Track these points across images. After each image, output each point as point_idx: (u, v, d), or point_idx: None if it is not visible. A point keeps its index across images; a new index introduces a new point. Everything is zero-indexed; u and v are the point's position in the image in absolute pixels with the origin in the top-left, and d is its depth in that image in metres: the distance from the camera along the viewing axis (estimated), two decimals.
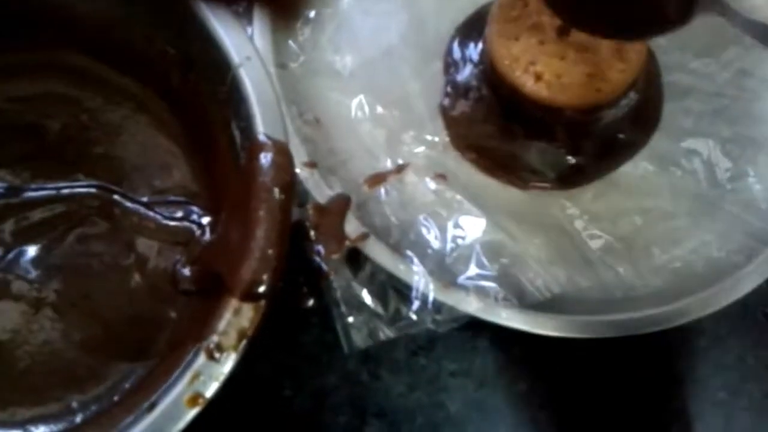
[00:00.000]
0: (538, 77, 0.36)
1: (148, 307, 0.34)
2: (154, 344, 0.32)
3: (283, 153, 0.28)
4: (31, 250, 0.34)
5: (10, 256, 0.34)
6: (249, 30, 0.36)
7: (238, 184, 0.29)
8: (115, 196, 0.35)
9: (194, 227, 0.35)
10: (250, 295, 0.26)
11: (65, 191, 0.35)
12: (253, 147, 0.28)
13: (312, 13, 0.39)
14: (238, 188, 0.29)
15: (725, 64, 0.42)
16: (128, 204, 0.35)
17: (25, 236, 0.34)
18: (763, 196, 0.38)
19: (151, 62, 0.34)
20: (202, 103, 0.33)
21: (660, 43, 0.42)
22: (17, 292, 0.33)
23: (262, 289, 0.26)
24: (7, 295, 0.33)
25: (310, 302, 0.34)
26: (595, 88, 0.34)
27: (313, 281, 0.33)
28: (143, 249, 0.35)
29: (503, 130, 0.39)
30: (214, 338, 0.26)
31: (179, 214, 0.35)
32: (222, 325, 0.26)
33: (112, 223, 0.35)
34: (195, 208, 0.35)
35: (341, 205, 0.33)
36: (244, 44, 0.30)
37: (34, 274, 0.34)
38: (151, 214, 0.35)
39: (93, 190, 0.35)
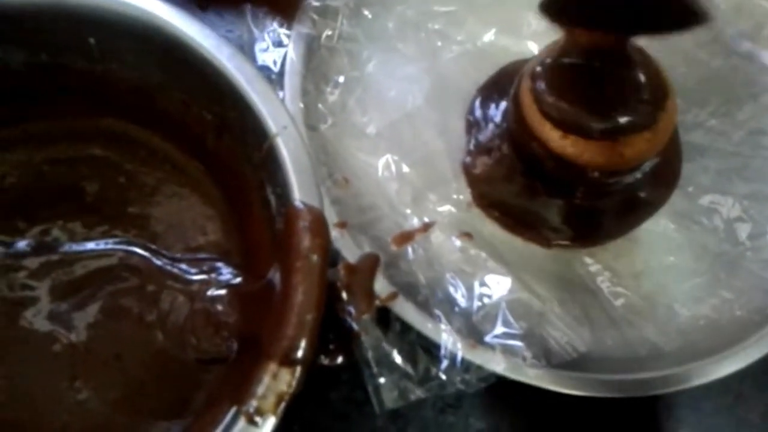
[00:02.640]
0: (566, 134, 0.37)
1: (180, 366, 0.34)
2: (190, 403, 0.33)
3: (319, 220, 0.29)
4: (67, 308, 0.35)
5: (48, 314, 0.35)
6: (281, 94, 0.38)
7: (275, 248, 0.30)
8: (145, 253, 0.36)
9: (221, 285, 0.36)
10: (288, 360, 0.27)
11: (100, 249, 0.36)
12: (290, 213, 0.29)
13: (341, 78, 0.41)
14: (274, 252, 0.30)
15: (741, 123, 0.43)
16: (156, 261, 0.36)
17: (61, 293, 0.35)
18: None
19: (188, 126, 0.35)
20: (237, 166, 0.34)
21: (677, 102, 0.43)
22: (54, 351, 0.34)
23: (300, 353, 0.27)
24: (46, 354, 0.34)
25: (340, 360, 0.34)
26: (618, 153, 0.35)
27: (344, 340, 0.33)
28: (169, 307, 0.35)
29: (525, 189, 0.40)
30: (254, 402, 0.26)
31: (206, 271, 0.36)
32: (261, 389, 0.27)
33: (141, 280, 0.36)
34: (223, 266, 0.36)
35: (371, 264, 0.34)
36: (280, 113, 0.31)
37: (68, 332, 0.34)
38: (176, 270, 0.36)
39: (126, 247, 0.36)
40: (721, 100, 0.44)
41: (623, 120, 0.35)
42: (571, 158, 0.35)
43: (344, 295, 0.32)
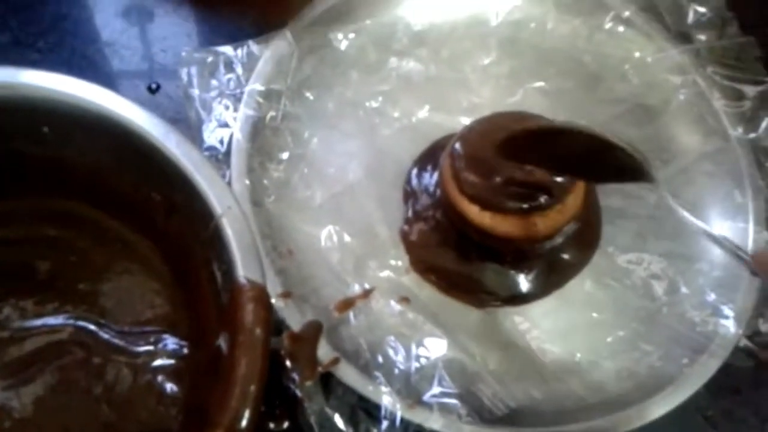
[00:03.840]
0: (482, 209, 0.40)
1: None
2: None
3: (261, 295, 0.31)
4: (15, 384, 0.36)
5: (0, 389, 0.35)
6: (227, 172, 0.40)
7: (221, 320, 0.32)
8: (94, 327, 0.37)
9: (168, 355, 0.37)
10: (233, 430, 0.28)
11: (50, 324, 0.38)
12: (235, 289, 0.31)
13: (285, 155, 0.43)
14: (220, 324, 0.32)
15: (654, 188, 0.47)
16: (103, 334, 0.37)
17: (11, 370, 0.36)
18: (696, 309, 0.42)
19: (138, 207, 0.37)
20: (186, 244, 0.36)
21: None
22: (5, 427, 0.35)
23: (244, 423, 0.28)
24: None
25: (286, 425, 0.36)
26: (533, 224, 0.38)
27: (289, 405, 0.35)
28: (114, 379, 0.36)
29: (458, 254, 0.43)
30: None
31: (152, 342, 0.37)
32: None
33: (88, 354, 0.37)
34: (169, 337, 0.38)
35: (314, 332, 0.36)
36: (225, 195, 0.33)
37: (18, 408, 0.35)
38: (122, 343, 0.37)
39: (75, 322, 0.38)
40: None
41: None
42: (489, 230, 0.39)
43: (288, 363, 0.35)
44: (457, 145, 0.40)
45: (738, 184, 0.46)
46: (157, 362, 0.37)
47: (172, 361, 0.37)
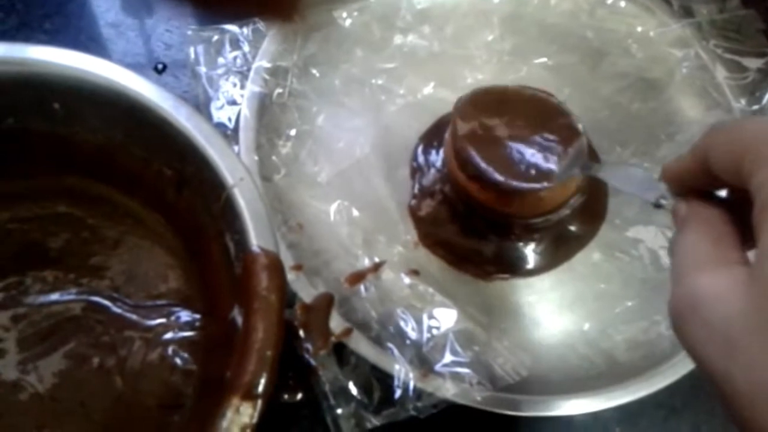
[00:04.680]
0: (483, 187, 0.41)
1: (143, 411, 0.36)
2: None
3: (275, 263, 0.31)
4: (34, 358, 0.36)
5: (16, 364, 0.36)
6: (236, 148, 0.41)
7: (235, 291, 0.32)
8: (106, 302, 0.38)
9: (180, 327, 0.38)
10: (250, 394, 0.29)
11: (64, 300, 0.38)
12: (249, 258, 0.31)
13: (293, 132, 0.44)
14: (234, 295, 0.32)
15: (659, 161, 0.47)
16: (115, 308, 0.38)
17: (28, 344, 0.36)
18: None
19: (149, 182, 0.37)
20: (197, 217, 0.36)
21: (601, 144, 0.47)
22: (22, 400, 0.35)
23: (261, 388, 0.29)
24: (14, 404, 0.35)
25: (300, 396, 0.36)
26: (537, 198, 0.39)
27: (303, 376, 0.35)
28: (126, 353, 0.37)
29: (466, 228, 0.43)
30: None
31: (165, 315, 0.38)
32: (225, 423, 0.28)
33: (101, 328, 0.37)
34: (181, 310, 0.38)
35: (326, 303, 0.36)
36: (236, 166, 0.34)
37: (35, 381, 0.36)
38: (135, 317, 0.38)
39: (89, 297, 0.38)
40: (641, 140, 0.48)
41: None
42: (494, 207, 0.39)
43: (302, 333, 0.35)
44: (458, 123, 0.40)
45: None
46: (170, 335, 0.37)
47: (185, 334, 0.37)
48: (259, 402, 0.29)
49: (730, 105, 0.48)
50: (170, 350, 0.37)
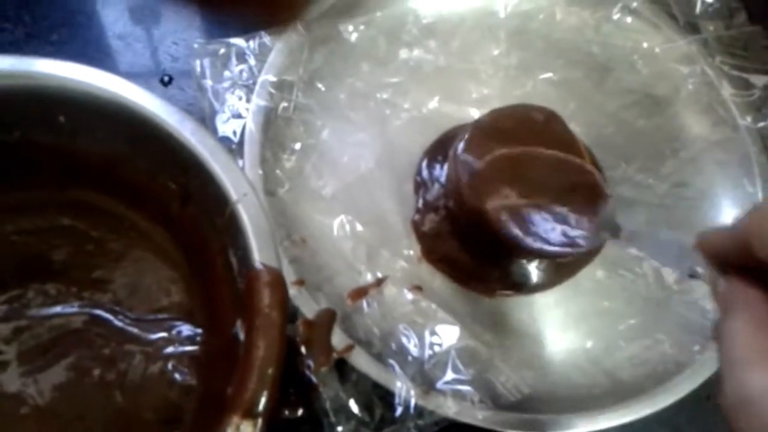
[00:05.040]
0: None
1: (142, 425, 0.36)
2: None
3: (278, 279, 0.31)
4: (35, 370, 0.36)
5: (17, 377, 0.36)
6: (241, 162, 0.41)
7: (237, 307, 0.32)
8: (108, 315, 0.38)
9: (181, 342, 0.38)
10: (250, 413, 0.29)
11: (66, 312, 0.38)
12: (251, 274, 0.31)
13: (297, 146, 0.44)
14: (236, 310, 0.32)
15: (664, 177, 0.47)
16: (117, 322, 0.38)
17: (30, 356, 0.36)
18: (707, 296, 0.42)
19: (153, 195, 0.37)
20: (200, 232, 0.36)
21: (607, 159, 0.47)
22: (22, 413, 0.35)
23: (261, 406, 0.29)
24: (14, 416, 0.35)
25: (300, 412, 0.36)
26: None
27: (304, 392, 0.35)
28: (126, 367, 0.37)
29: (469, 244, 0.43)
30: None
31: (166, 329, 0.38)
32: None
33: (102, 342, 0.37)
34: (183, 324, 0.38)
35: (328, 319, 0.36)
36: (240, 181, 0.34)
37: (35, 394, 0.36)
38: (136, 330, 0.37)
39: (91, 310, 0.38)
40: (646, 156, 0.48)
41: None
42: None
43: (303, 349, 0.35)
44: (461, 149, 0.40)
45: (747, 172, 0.46)
46: (171, 349, 0.37)
47: (186, 349, 0.37)
48: (260, 421, 0.29)
49: (735, 122, 0.47)
50: (170, 365, 0.37)
